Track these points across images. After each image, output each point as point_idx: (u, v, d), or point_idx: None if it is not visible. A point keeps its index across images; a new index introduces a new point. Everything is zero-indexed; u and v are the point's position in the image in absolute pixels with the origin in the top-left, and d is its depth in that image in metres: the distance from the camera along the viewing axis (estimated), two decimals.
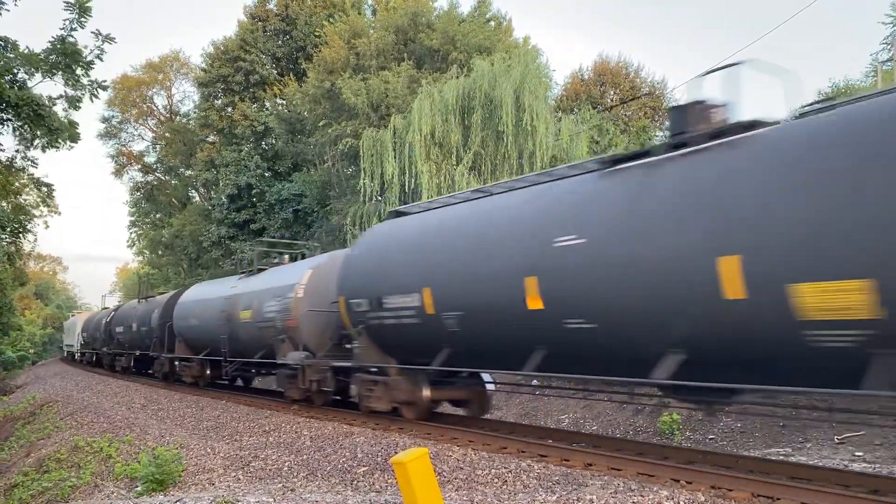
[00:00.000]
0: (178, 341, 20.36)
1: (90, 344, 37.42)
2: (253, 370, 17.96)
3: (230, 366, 17.22)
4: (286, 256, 17.45)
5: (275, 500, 7.38)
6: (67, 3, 13.53)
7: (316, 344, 13.13)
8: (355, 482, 8.28)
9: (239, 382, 20.68)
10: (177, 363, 21.41)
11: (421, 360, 10.23)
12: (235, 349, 16.59)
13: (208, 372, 19.52)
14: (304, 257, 17.46)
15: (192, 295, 20.80)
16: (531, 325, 7.91)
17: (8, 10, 13.73)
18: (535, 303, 7.69)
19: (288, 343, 13.74)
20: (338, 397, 13.88)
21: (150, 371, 25.46)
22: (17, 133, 14.46)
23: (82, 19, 13.64)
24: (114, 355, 30.43)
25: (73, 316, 53.88)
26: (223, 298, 17.22)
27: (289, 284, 13.93)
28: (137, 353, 25.80)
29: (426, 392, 10.72)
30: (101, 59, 13.99)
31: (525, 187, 9.00)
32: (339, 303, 11.64)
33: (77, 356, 43.46)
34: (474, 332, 8.95)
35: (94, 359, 36.42)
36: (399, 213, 11.68)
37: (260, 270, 16.80)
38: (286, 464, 9.61)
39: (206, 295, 19.36)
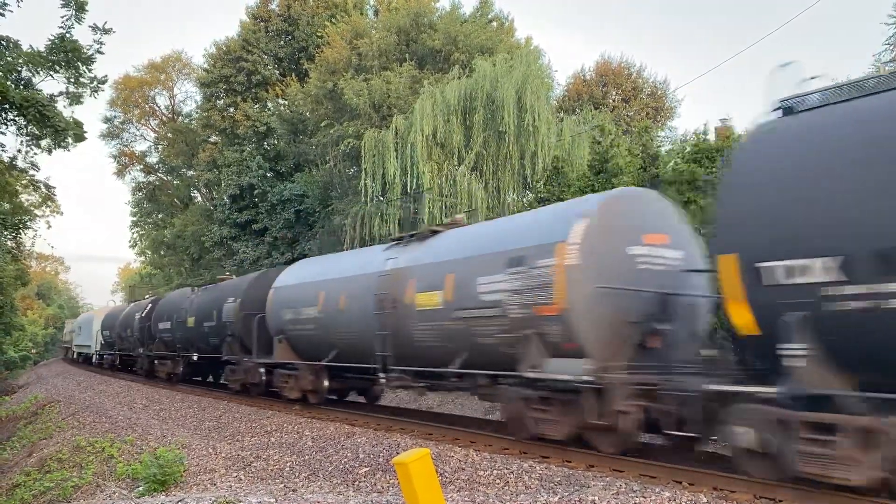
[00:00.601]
0: (278, 341, 14.80)
1: (114, 344, 31.57)
2: (423, 382, 11.40)
3: (392, 375, 11.47)
4: (460, 216, 12.63)
5: (276, 501, 7.38)
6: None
7: (604, 346, 7.92)
8: (357, 483, 8.28)
9: (348, 396, 15.44)
10: (261, 370, 15.83)
11: None
12: (404, 352, 11.07)
13: (326, 384, 13.96)
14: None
15: (299, 275, 15.14)
16: None
17: (11, 12, 13.76)
18: None
19: (537, 343, 8.42)
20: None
21: (220, 379, 21.35)
22: (23, 133, 14.48)
23: (80, 14, 13.66)
24: (153, 359, 24.84)
25: (86, 312, 52.51)
26: (376, 276, 11.73)
27: (540, 245, 8.52)
28: (195, 356, 20.26)
29: None
30: (102, 53, 14.00)
31: None
32: (724, 269, 6.45)
33: (94, 359, 37.70)
34: None
35: (119, 362, 31.06)
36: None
37: (434, 232, 11.57)
38: (288, 464, 9.62)
39: (330, 273, 13.74)
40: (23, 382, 42.74)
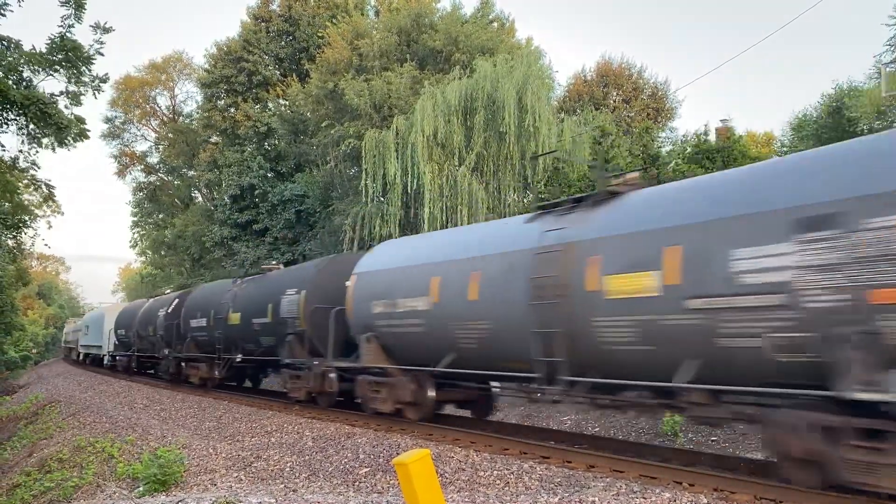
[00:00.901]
0: (366, 340, 11.80)
1: (131, 345, 28.38)
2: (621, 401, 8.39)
3: (562, 389, 8.30)
4: (633, 174, 9.07)
5: (276, 501, 7.39)
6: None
7: None
8: (357, 483, 8.28)
9: (452, 410, 12.93)
10: (332, 376, 13.08)
11: None
12: (583, 359, 8.04)
13: (432, 394, 11.15)
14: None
15: (393, 257, 12.13)
16: None
17: (12, 12, 13.77)
18: None
19: (863, 347, 5.65)
20: None
21: (260, 385, 20.17)
22: (25, 132, 14.48)
23: (79, 13, 13.66)
24: (180, 361, 21.91)
25: (93, 310, 51.61)
26: (528, 254, 8.79)
27: (870, 194, 5.63)
28: (239, 358, 17.70)
29: None
30: (102, 54, 13.99)
31: None
32: None
33: (106, 361, 34.64)
34: None
35: (136, 364, 28.40)
36: None
37: (614, 194, 8.54)
38: (288, 464, 9.62)
39: (447, 253, 10.64)
40: (23, 382, 42.80)
